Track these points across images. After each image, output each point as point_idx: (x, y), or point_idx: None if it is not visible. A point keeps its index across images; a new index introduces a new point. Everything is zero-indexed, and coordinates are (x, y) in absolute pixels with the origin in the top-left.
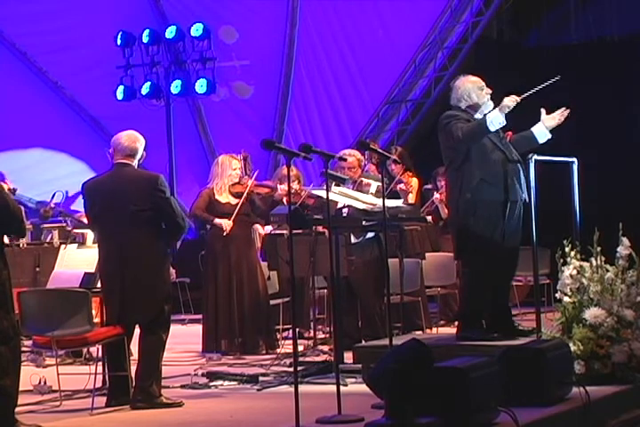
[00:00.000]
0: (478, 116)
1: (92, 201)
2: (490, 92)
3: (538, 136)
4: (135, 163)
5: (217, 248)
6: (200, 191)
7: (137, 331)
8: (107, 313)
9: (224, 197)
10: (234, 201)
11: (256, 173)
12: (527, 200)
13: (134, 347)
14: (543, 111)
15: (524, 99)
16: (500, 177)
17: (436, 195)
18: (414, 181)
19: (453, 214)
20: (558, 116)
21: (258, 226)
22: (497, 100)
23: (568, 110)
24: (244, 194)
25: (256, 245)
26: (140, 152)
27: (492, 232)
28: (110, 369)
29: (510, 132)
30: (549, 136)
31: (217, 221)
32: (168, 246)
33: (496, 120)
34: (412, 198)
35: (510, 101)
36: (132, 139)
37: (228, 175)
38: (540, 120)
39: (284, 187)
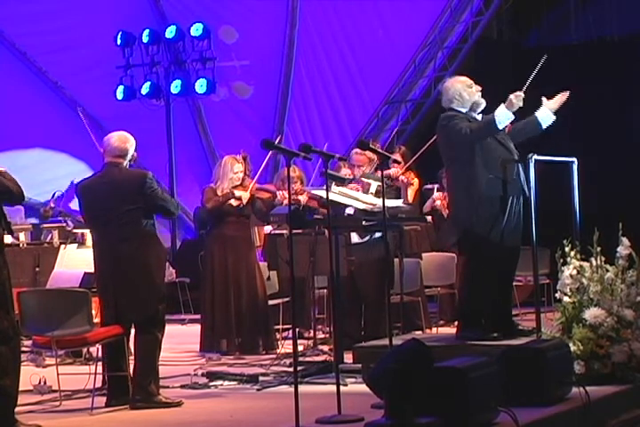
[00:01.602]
0: (472, 113)
1: (84, 201)
2: (479, 89)
3: (542, 120)
4: (125, 163)
5: (215, 249)
6: (204, 189)
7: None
8: (103, 313)
9: None
10: (235, 203)
11: (263, 166)
12: (528, 195)
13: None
14: (544, 98)
15: (526, 89)
16: (503, 173)
17: (437, 201)
18: (415, 181)
19: (457, 213)
20: (559, 98)
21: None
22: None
23: (568, 92)
24: (247, 194)
25: (255, 245)
26: (131, 153)
27: (494, 230)
28: (110, 369)
29: (510, 125)
30: (554, 118)
31: (237, 192)
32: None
33: (504, 117)
34: (411, 193)
35: (517, 99)
36: (122, 139)
37: (230, 179)
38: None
39: (284, 193)
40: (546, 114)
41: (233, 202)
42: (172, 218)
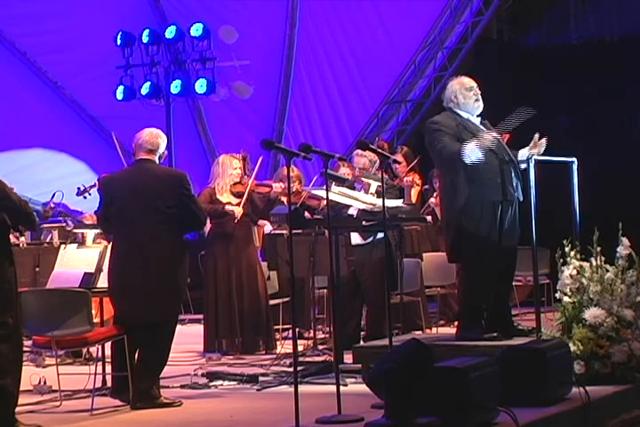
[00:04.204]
0: (464, 114)
1: (110, 197)
2: (479, 93)
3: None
4: (157, 159)
5: (217, 248)
6: (201, 191)
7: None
8: (118, 311)
9: (225, 197)
10: (235, 201)
11: (258, 166)
12: (520, 200)
13: None
14: (536, 136)
15: (502, 132)
16: (491, 177)
17: (432, 199)
18: (419, 182)
19: (447, 216)
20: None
21: (265, 222)
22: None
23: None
24: (246, 193)
25: (256, 244)
26: (162, 149)
27: (487, 233)
28: (115, 367)
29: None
30: (523, 167)
31: (228, 207)
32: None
33: (473, 155)
34: (414, 193)
35: (489, 140)
36: (154, 135)
37: (229, 175)
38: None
39: (280, 185)
40: (521, 156)
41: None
42: (198, 229)
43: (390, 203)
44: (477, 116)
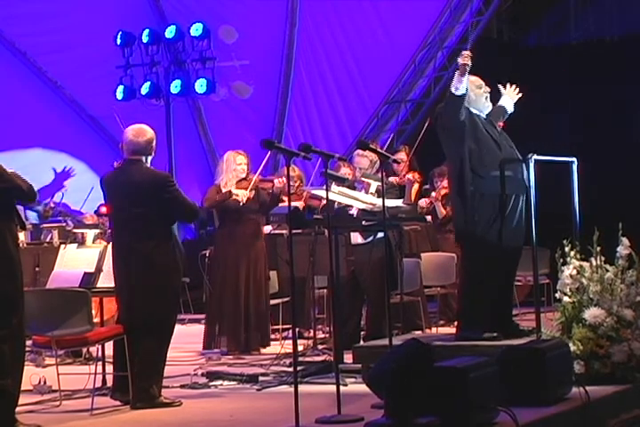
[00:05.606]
0: (475, 111)
1: (106, 195)
2: (488, 90)
3: (507, 107)
4: (145, 158)
5: (226, 247)
6: (208, 188)
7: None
8: (118, 312)
9: None
10: (234, 200)
11: (265, 160)
12: (525, 194)
13: None
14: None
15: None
16: (501, 171)
17: (433, 193)
18: (419, 180)
19: (454, 211)
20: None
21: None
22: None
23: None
24: (250, 186)
25: (262, 242)
26: (149, 147)
27: (492, 228)
28: (116, 368)
29: (502, 124)
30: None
31: (234, 191)
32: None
33: (457, 82)
34: (415, 190)
35: (465, 59)
36: (137, 134)
37: (233, 170)
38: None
39: (282, 180)
40: (506, 101)
41: (237, 197)
42: (191, 219)
43: (390, 203)
44: (486, 115)
